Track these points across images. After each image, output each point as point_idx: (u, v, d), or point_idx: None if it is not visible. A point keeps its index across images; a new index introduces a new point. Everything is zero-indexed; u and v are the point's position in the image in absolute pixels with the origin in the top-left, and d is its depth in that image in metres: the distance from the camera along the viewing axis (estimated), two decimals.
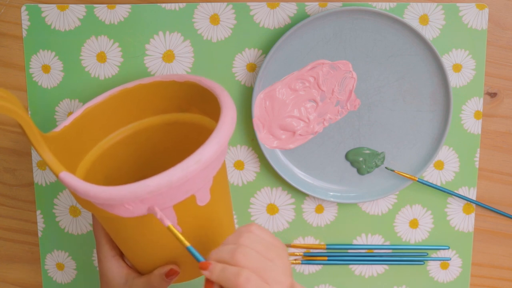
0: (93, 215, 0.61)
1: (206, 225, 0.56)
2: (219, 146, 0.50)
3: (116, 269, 0.59)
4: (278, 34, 0.69)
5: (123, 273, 0.59)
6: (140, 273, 0.60)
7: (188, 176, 0.49)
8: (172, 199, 0.51)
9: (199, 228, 0.55)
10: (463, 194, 0.72)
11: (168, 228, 0.50)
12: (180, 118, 0.64)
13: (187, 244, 0.50)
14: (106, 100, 0.62)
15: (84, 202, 0.53)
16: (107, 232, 0.58)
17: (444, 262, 0.75)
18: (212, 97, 0.59)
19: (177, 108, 0.64)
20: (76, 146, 0.59)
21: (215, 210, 0.56)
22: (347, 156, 0.71)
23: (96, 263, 0.75)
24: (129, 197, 0.48)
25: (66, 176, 0.51)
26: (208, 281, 0.50)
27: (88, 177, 0.60)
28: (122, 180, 0.65)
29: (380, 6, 0.68)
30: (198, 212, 0.54)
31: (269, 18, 0.68)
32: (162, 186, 0.48)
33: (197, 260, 0.50)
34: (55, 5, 0.68)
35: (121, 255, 0.61)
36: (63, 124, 0.58)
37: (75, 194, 0.53)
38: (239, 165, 0.72)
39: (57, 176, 0.52)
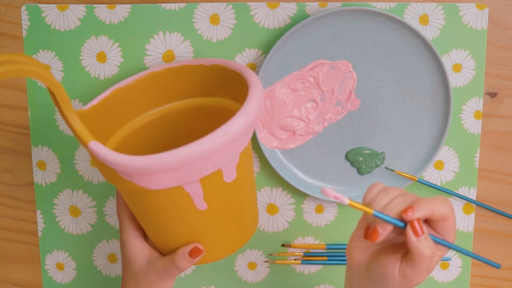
0: (117, 196, 0.61)
1: (230, 203, 0.56)
2: (247, 119, 0.51)
3: (139, 249, 0.60)
4: (278, 34, 0.69)
5: (146, 254, 0.60)
6: (162, 254, 0.60)
7: (217, 146, 0.49)
8: (200, 172, 0.51)
9: (224, 205, 0.55)
10: (463, 194, 0.72)
11: (350, 205, 0.49)
12: (206, 103, 0.64)
13: (371, 211, 0.49)
14: (134, 82, 0.63)
15: (111, 173, 0.53)
16: (131, 209, 0.58)
17: (444, 262, 0.75)
18: (240, 79, 0.59)
19: (204, 92, 0.64)
20: (102, 126, 0.60)
21: (240, 188, 0.56)
22: (347, 156, 0.71)
23: (96, 263, 0.75)
24: (158, 166, 0.48)
25: (96, 146, 0.51)
26: (415, 224, 0.49)
27: None
28: None
29: (380, 6, 0.68)
30: (224, 188, 0.54)
31: (269, 18, 0.68)
32: (192, 155, 0.48)
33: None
34: (55, 5, 0.68)
35: (144, 236, 0.61)
36: (91, 103, 0.58)
37: (102, 165, 0.53)
38: None
39: (86, 146, 0.52)
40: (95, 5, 0.68)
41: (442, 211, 0.49)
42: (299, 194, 0.73)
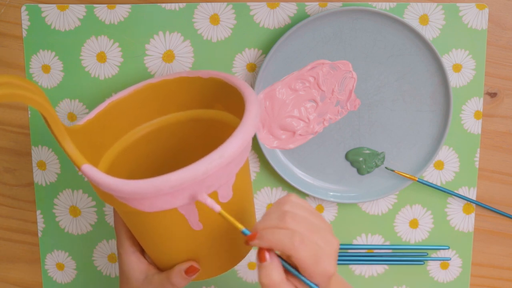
0: (114, 210, 0.61)
1: (226, 223, 0.56)
2: (243, 141, 0.50)
3: (136, 264, 0.59)
4: (278, 34, 0.69)
5: (143, 269, 0.59)
6: (160, 269, 0.60)
7: (211, 171, 0.49)
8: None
9: (220, 225, 0.55)
10: (463, 194, 0.72)
11: (220, 214, 0.50)
12: (204, 115, 0.64)
13: (241, 227, 0.50)
14: (131, 94, 0.62)
15: (106, 195, 0.53)
16: (128, 227, 0.58)
17: (444, 262, 0.75)
18: (236, 94, 0.59)
19: (201, 104, 0.64)
20: (99, 140, 0.59)
21: (236, 207, 0.56)
22: (347, 156, 0.71)
23: (96, 263, 0.75)
24: (151, 191, 0.48)
25: (89, 169, 0.51)
26: (261, 251, 0.49)
27: (111, 172, 0.60)
28: (145, 176, 0.65)
29: (380, 6, 0.68)
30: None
31: (269, 18, 0.68)
32: (185, 180, 0.48)
33: (245, 234, 0.50)
34: (55, 5, 0.68)
35: (142, 251, 0.61)
36: (87, 117, 0.58)
37: (96, 187, 0.53)
38: None
39: (79, 168, 0.52)
40: (95, 5, 0.68)
41: (281, 246, 0.48)
42: (299, 194, 0.73)
